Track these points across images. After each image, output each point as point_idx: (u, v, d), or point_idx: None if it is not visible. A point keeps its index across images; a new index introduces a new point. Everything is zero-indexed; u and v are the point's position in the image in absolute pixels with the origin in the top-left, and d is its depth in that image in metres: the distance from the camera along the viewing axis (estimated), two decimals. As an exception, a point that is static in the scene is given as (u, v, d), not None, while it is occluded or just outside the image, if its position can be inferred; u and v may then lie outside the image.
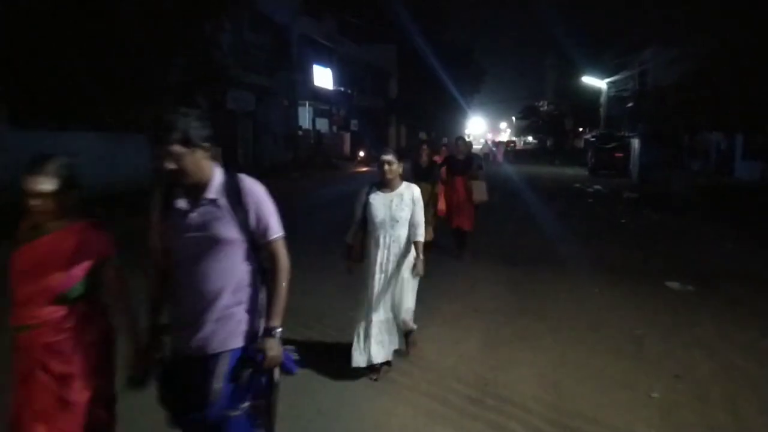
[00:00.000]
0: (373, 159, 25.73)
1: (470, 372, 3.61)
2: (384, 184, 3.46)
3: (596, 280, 6.01)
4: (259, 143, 20.87)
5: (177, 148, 1.79)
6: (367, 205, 3.43)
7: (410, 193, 3.45)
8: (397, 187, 3.46)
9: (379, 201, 3.41)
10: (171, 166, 1.79)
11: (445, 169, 6.81)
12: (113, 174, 13.42)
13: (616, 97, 31.53)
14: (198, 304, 1.85)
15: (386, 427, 2.95)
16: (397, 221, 3.38)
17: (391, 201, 3.41)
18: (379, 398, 3.24)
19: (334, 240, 5.20)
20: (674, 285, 5.77)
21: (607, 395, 3.32)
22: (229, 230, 1.84)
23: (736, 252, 7.70)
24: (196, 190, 1.87)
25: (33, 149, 10.21)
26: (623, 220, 10.47)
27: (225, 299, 1.84)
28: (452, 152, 7.71)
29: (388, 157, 3.43)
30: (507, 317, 4.75)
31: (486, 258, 7.05)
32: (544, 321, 4.67)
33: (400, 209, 3.39)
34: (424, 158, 6.66)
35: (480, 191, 6.76)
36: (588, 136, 31.64)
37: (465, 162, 6.88)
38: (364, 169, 24.44)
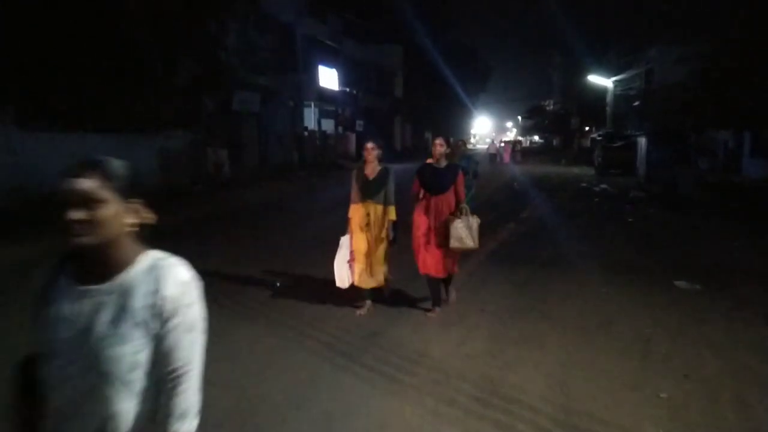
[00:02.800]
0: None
1: (477, 372, 3.61)
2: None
3: (604, 279, 5.97)
4: (264, 144, 20.94)
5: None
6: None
7: None
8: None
9: None
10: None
11: (416, 184, 4.75)
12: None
13: (622, 96, 31.36)
14: None
15: (392, 427, 2.95)
16: None
17: None
18: (385, 398, 3.24)
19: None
20: (682, 284, 5.73)
21: (615, 395, 3.30)
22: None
23: (744, 250, 7.63)
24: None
25: (40, 152, 10.39)
26: (630, 219, 10.41)
27: None
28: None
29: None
30: (514, 317, 4.74)
31: (492, 258, 7.03)
32: (551, 321, 4.65)
33: None
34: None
35: (461, 235, 4.41)
36: (594, 135, 31.46)
37: (447, 173, 4.63)
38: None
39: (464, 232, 4.42)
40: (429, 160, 4.85)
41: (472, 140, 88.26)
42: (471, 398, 3.24)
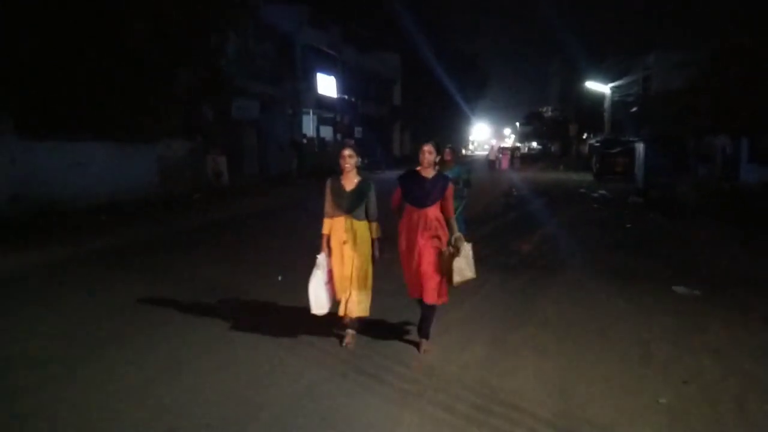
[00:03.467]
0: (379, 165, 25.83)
1: (476, 379, 3.60)
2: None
3: (603, 285, 5.98)
4: (263, 151, 20.99)
5: None
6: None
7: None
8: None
9: None
10: None
11: (397, 194, 4.12)
12: (119, 184, 13.53)
13: (620, 102, 31.52)
14: None
15: (392, 434, 2.95)
16: None
17: None
18: (384, 405, 3.24)
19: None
20: (681, 290, 5.74)
21: (615, 401, 3.30)
22: None
23: (743, 256, 7.65)
24: None
25: (40, 160, 10.48)
26: (629, 225, 10.42)
27: None
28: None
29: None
30: (513, 324, 4.74)
31: (492, 265, 7.03)
32: (550, 327, 4.65)
33: None
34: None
35: (461, 266, 3.92)
36: (592, 141, 31.59)
37: (435, 185, 3.99)
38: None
39: (463, 263, 3.92)
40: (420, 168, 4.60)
41: (471, 146, 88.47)
42: (470, 405, 3.24)
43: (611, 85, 30.91)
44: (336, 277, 4.00)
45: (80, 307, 5.12)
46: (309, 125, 26.08)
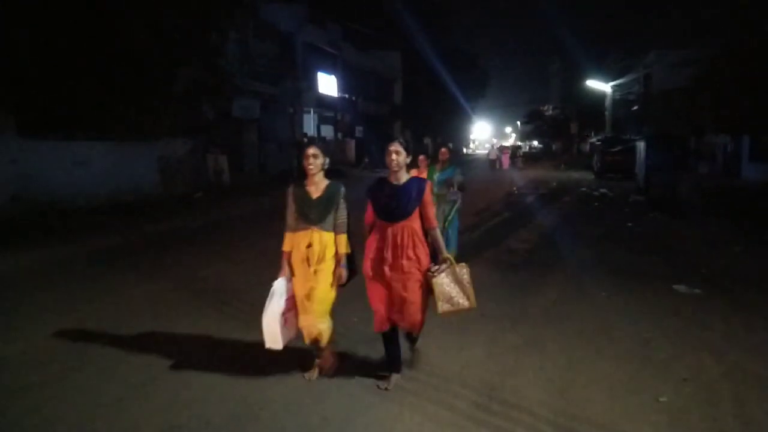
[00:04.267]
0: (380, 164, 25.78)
1: (476, 377, 3.61)
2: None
3: (603, 284, 5.98)
4: (264, 150, 21.00)
5: None
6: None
7: None
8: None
9: None
10: None
11: (370, 211, 3.47)
12: (119, 183, 13.55)
13: (621, 101, 31.49)
14: None
15: (392, 433, 2.95)
16: None
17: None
18: (384, 404, 3.25)
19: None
20: (681, 288, 5.74)
21: (615, 400, 3.30)
22: None
23: (743, 254, 7.64)
24: None
25: (40, 159, 10.47)
26: (630, 224, 10.42)
27: None
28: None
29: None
30: (513, 322, 4.74)
31: (492, 262, 7.04)
32: (550, 326, 4.65)
33: None
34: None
35: (450, 294, 3.27)
36: (593, 140, 31.56)
37: (409, 191, 3.32)
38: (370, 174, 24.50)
39: (453, 288, 3.23)
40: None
41: (472, 145, 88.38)
42: (470, 403, 3.24)
43: (612, 83, 30.88)
44: (298, 301, 3.42)
45: (80, 307, 5.13)
46: (310, 124, 26.10)
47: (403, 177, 3.35)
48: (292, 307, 3.44)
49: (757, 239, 8.78)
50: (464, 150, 70.17)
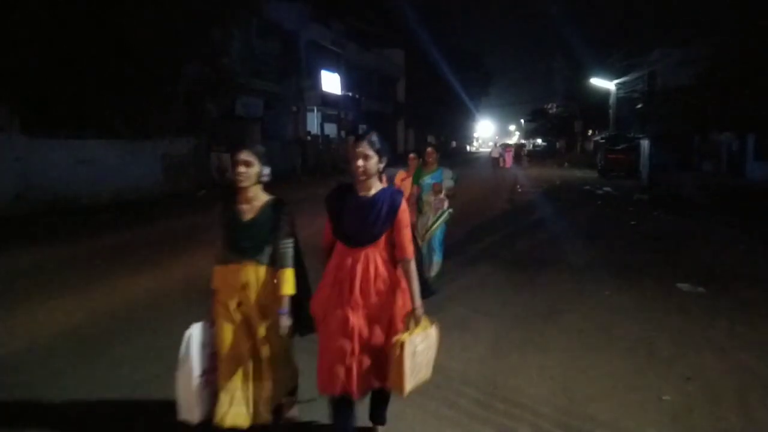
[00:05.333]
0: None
1: (479, 375, 3.61)
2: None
3: (606, 282, 5.97)
4: (267, 149, 20.98)
5: None
6: None
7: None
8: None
9: None
10: None
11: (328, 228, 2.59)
12: (123, 181, 13.58)
13: (625, 99, 31.33)
14: None
15: (394, 430, 2.95)
16: None
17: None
18: (388, 402, 3.25)
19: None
20: (685, 287, 5.72)
21: (618, 398, 3.30)
22: None
23: (747, 253, 7.61)
24: None
25: (44, 157, 10.48)
26: (633, 222, 10.39)
27: None
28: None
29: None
30: (516, 320, 4.74)
31: (495, 261, 7.03)
32: (553, 324, 4.64)
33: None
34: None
35: (420, 364, 2.46)
36: (597, 138, 31.43)
37: (379, 207, 2.44)
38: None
39: (423, 356, 2.45)
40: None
41: (475, 143, 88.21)
42: (473, 401, 3.24)
43: (616, 81, 30.73)
44: (223, 360, 2.53)
45: (84, 305, 5.15)
46: (313, 122, 26.09)
47: (374, 187, 2.45)
48: (215, 367, 2.56)
49: (762, 238, 8.75)
50: (468, 148, 70.07)
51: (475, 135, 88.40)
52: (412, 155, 5.75)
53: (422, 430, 2.95)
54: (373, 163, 2.40)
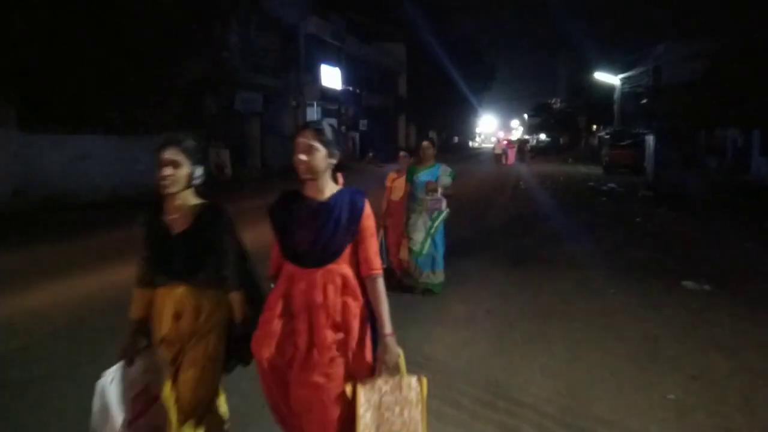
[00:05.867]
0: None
1: (481, 374, 3.56)
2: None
3: (610, 280, 5.90)
4: (267, 144, 20.95)
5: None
6: None
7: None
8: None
9: None
10: None
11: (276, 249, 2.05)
12: (121, 177, 13.55)
13: (630, 94, 31.18)
14: None
15: (394, 430, 2.90)
16: None
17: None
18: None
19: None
20: (690, 284, 5.66)
21: (622, 397, 3.25)
22: None
23: (753, 250, 7.54)
24: None
25: (42, 153, 10.42)
26: (638, 219, 10.32)
27: None
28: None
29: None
30: (519, 318, 4.68)
31: (497, 258, 6.97)
32: (556, 322, 4.59)
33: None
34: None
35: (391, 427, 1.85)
36: (602, 134, 31.30)
37: (336, 215, 1.93)
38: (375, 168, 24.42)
39: (396, 414, 1.88)
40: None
41: (478, 139, 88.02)
42: (475, 400, 3.19)
43: (621, 76, 30.58)
44: (166, 405, 2.09)
45: (82, 304, 5.11)
46: (313, 117, 26.01)
47: (327, 189, 1.97)
48: (144, 410, 2.14)
49: (767, 235, 8.67)
50: (470, 143, 69.94)
51: (478, 130, 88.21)
52: (402, 153, 5.45)
53: (422, 430, 2.90)
54: (320, 157, 1.91)
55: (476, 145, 78.73)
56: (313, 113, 25.91)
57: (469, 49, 46.02)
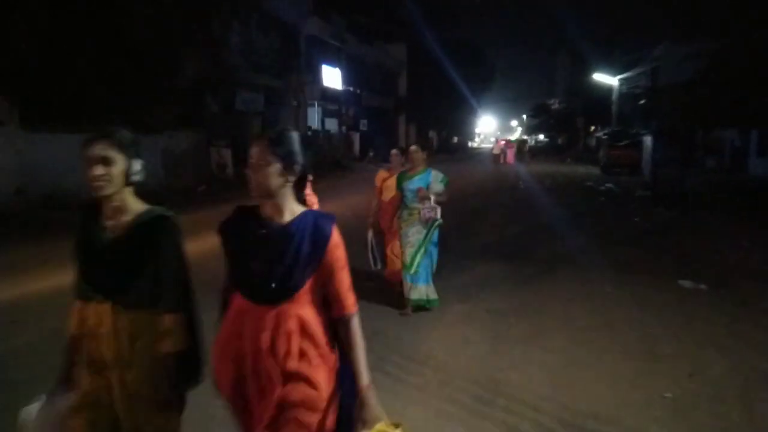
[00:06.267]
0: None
1: (481, 372, 3.59)
2: None
3: (608, 279, 5.94)
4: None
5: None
6: None
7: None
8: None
9: None
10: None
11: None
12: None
13: (628, 94, 31.24)
14: None
15: (396, 427, 2.94)
16: None
17: None
18: (389, 399, 3.23)
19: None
20: (687, 283, 5.70)
21: (620, 395, 3.28)
22: None
23: (750, 250, 7.58)
24: None
25: (44, 152, 10.48)
26: (636, 219, 10.35)
27: None
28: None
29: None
30: (518, 317, 4.72)
31: (497, 257, 7.01)
32: (555, 320, 4.63)
33: None
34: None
35: None
36: (600, 134, 31.34)
37: (297, 241, 1.60)
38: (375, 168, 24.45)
39: None
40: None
41: (477, 139, 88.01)
42: (475, 398, 3.23)
43: (619, 77, 30.62)
44: None
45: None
46: (314, 117, 26.02)
47: (288, 210, 1.63)
48: None
49: (764, 235, 8.71)
50: (470, 144, 69.94)
51: (477, 130, 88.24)
52: (394, 151, 5.10)
53: (424, 427, 2.94)
54: (272, 173, 1.56)
55: (476, 145, 78.77)
56: (314, 113, 25.93)
57: (469, 50, 46.05)
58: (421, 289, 4.60)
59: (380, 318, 4.58)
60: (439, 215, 4.51)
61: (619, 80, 30.54)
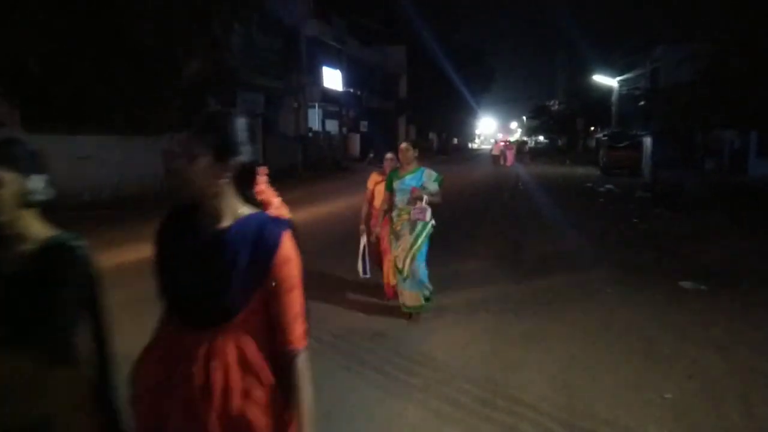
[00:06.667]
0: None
1: (480, 373, 3.59)
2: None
3: (608, 279, 5.94)
4: (268, 144, 20.98)
5: None
6: None
7: None
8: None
9: None
10: None
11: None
12: (124, 177, 13.57)
13: (627, 96, 31.26)
14: None
15: (395, 428, 2.94)
16: None
17: None
18: (388, 399, 3.24)
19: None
20: (687, 284, 5.70)
21: (619, 396, 3.28)
22: None
23: (749, 251, 7.58)
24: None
25: (45, 153, 10.36)
26: (635, 220, 10.36)
27: None
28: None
29: None
30: (517, 317, 4.72)
31: (497, 258, 7.01)
32: (555, 321, 4.63)
33: None
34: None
35: None
36: (600, 135, 31.36)
37: (240, 254, 1.24)
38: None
39: None
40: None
41: (477, 140, 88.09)
42: (475, 399, 3.23)
43: (619, 78, 30.66)
44: None
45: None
46: (314, 119, 26.06)
47: (229, 212, 1.31)
48: None
49: (764, 236, 8.72)
50: (470, 145, 70.01)
51: (477, 132, 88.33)
52: (389, 155, 4.85)
53: (423, 427, 2.94)
54: (201, 168, 1.25)
55: (476, 146, 78.85)
56: (314, 115, 25.97)
57: (469, 51, 46.12)
58: (415, 295, 4.39)
59: (380, 318, 4.58)
60: (428, 217, 4.21)
61: (619, 81, 30.57)
